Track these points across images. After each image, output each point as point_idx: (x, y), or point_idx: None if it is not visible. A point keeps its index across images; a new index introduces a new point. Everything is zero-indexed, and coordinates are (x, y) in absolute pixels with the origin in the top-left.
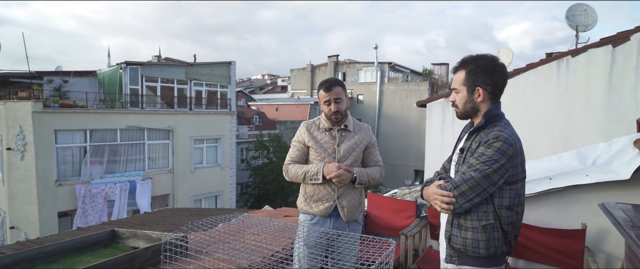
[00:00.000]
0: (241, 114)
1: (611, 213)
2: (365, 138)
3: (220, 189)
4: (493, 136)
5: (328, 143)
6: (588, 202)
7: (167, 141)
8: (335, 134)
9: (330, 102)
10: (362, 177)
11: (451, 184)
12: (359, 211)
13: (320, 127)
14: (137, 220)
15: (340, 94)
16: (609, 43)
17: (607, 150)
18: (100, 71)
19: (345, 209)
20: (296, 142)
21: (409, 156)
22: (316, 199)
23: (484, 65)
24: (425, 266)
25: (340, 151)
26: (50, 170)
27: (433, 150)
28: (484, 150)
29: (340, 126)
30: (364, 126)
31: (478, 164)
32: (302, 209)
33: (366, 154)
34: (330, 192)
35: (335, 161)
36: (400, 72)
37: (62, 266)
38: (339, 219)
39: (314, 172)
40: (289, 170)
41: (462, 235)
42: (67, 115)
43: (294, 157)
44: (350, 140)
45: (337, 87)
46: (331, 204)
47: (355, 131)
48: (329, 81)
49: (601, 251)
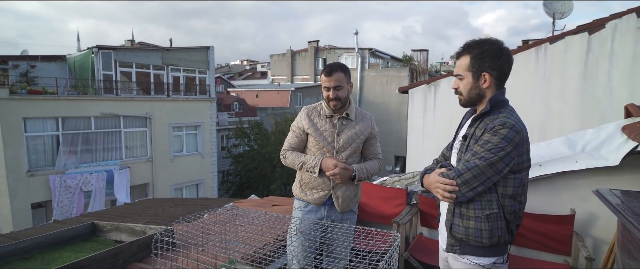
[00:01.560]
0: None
1: (607, 199)
2: (367, 129)
3: (202, 178)
4: (499, 122)
5: (328, 131)
6: (577, 188)
7: (144, 129)
8: (335, 123)
9: (329, 89)
10: (361, 174)
11: (454, 172)
12: (354, 202)
13: (321, 113)
14: (118, 212)
15: (341, 80)
16: (585, 30)
17: (596, 136)
18: (70, 56)
19: (339, 199)
20: (295, 128)
21: (390, 142)
22: (311, 187)
23: (490, 50)
24: (416, 253)
25: (339, 141)
26: (20, 160)
27: (415, 136)
28: (489, 137)
29: (342, 113)
30: (367, 116)
31: (483, 152)
32: (297, 195)
33: (366, 146)
34: (326, 181)
35: (333, 150)
36: (380, 59)
37: (40, 262)
38: (333, 209)
39: (312, 165)
40: (287, 157)
41: (464, 224)
42: (37, 102)
43: (292, 143)
44: (351, 130)
45: (339, 72)
46: (326, 194)
47: (357, 121)
48: (332, 66)
49: (589, 235)
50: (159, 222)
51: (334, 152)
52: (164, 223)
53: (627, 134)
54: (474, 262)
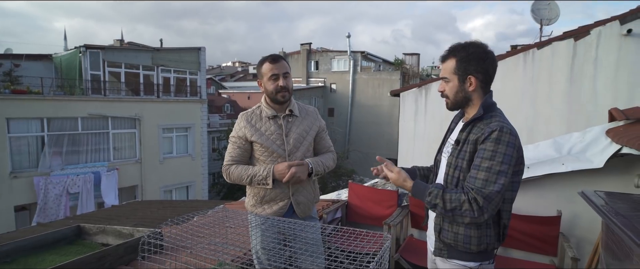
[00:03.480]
0: (212, 103)
1: (592, 200)
2: (315, 123)
3: (192, 180)
4: (495, 127)
5: (275, 134)
6: (563, 189)
7: (133, 130)
8: (281, 123)
9: (278, 76)
10: (318, 168)
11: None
12: (313, 204)
13: (263, 116)
14: (104, 214)
15: (288, 69)
16: (571, 36)
17: (582, 139)
18: (57, 55)
19: (301, 206)
20: (235, 138)
21: (381, 144)
22: (268, 200)
23: (475, 53)
24: (407, 255)
25: (289, 142)
26: (3, 161)
27: (406, 139)
28: (494, 147)
29: (285, 111)
30: (310, 109)
31: (498, 165)
32: (252, 211)
33: (317, 141)
34: (284, 190)
35: (285, 153)
36: (372, 62)
37: (23, 266)
38: (294, 217)
39: (263, 176)
40: (232, 173)
41: (453, 230)
42: (21, 102)
43: (235, 156)
44: (299, 126)
45: (284, 62)
46: (286, 203)
47: (303, 116)
48: (274, 55)
49: (574, 236)
50: (147, 224)
51: (286, 156)
52: (152, 225)
53: (611, 138)
54: (461, 264)
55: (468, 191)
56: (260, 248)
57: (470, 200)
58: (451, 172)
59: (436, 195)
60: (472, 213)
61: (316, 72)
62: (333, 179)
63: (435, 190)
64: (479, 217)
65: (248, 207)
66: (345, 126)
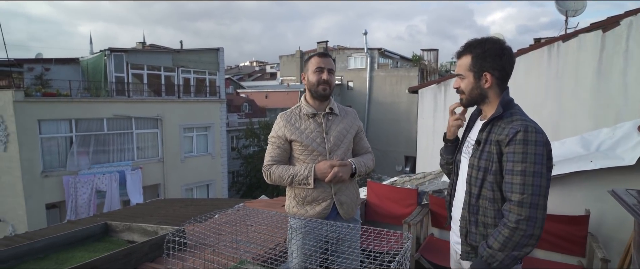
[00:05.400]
0: (230, 102)
1: (624, 199)
2: (354, 123)
3: (212, 178)
4: (519, 128)
5: (315, 132)
6: (591, 188)
7: (156, 130)
8: (320, 121)
9: (323, 70)
10: (361, 168)
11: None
12: (357, 206)
13: (302, 114)
14: (129, 212)
15: (333, 66)
16: (599, 28)
17: (611, 135)
18: (83, 58)
19: (344, 206)
20: (275, 138)
21: (400, 142)
22: (310, 201)
23: (492, 49)
24: (428, 254)
25: (330, 139)
26: (35, 161)
27: (425, 136)
28: (523, 149)
29: (325, 109)
30: (349, 110)
31: (531, 166)
32: (295, 214)
33: (356, 141)
34: (327, 189)
35: (325, 151)
36: (389, 58)
37: (54, 262)
38: (338, 219)
39: (304, 175)
40: (273, 173)
41: (480, 232)
42: (51, 104)
43: (275, 156)
44: (339, 125)
45: (331, 59)
46: (329, 203)
47: (342, 115)
48: (322, 51)
49: (602, 236)
50: (171, 222)
51: (327, 154)
52: (175, 223)
53: None
54: None
55: (508, 212)
56: (299, 253)
57: (516, 222)
58: (474, 173)
59: (491, 254)
60: (526, 230)
61: None
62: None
63: (484, 251)
64: (534, 227)
65: (289, 210)
66: (363, 124)
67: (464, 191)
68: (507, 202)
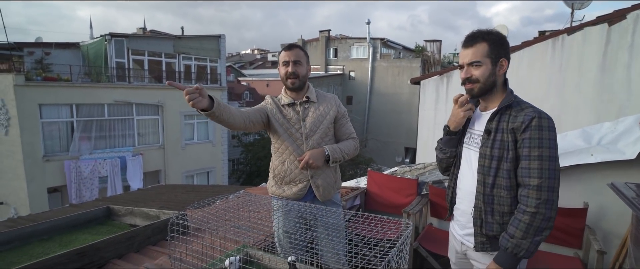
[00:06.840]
0: (231, 90)
1: (623, 192)
2: (332, 108)
3: (212, 165)
4: (534, 114)
5: (293, 118)
6: (590, 181)
7: (156, 117)
8: (298, 109)
9: (288, 63)
10: (335, 154)
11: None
12: (335, 190)
13: (281, 103)
14: (131, 197)
15: (301, 57)
16: (605, 21)
17: (613, 129)
18: (84, 43)
19: (320, 189)
20: (259, 106)
21: (400, 133)
22: (288, 181)
23: (502, 37)
24: (426, 243)
25: (306, 125)
26: (36, 145)
27: (426, 128)
28: (539, 134)
29: (302, 98)
30: (328, 96)
31: (546, 151)
32: (274, 193)
33: (337, 127)
34: (304, 171)
35: (302, 137)
36: (392, 49)
37: (58, 243)
38: (315, 201)
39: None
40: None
41: (497, 220)
42: (52, 89)
43: (249, 110)
44: (315, 111)
45: (298, 50)
46: (305, 185)
47: (320, 102)
48: (289, 44)
49: (600, 229)
50: (172, 207)
51: (303, 139)
52: (177, 208)
53: None
54: None
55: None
56: (282, 231)
57: (536, 206)
58: (487, 163)
59: (516, 244)
60: (545, 214)
61: (335, 59)
62: (351, 167)
63: (507, 243)
64: (551, 210)
65: (270, 189)
66: (364, 114)
67: (472, 183)
68: (523, 187)
